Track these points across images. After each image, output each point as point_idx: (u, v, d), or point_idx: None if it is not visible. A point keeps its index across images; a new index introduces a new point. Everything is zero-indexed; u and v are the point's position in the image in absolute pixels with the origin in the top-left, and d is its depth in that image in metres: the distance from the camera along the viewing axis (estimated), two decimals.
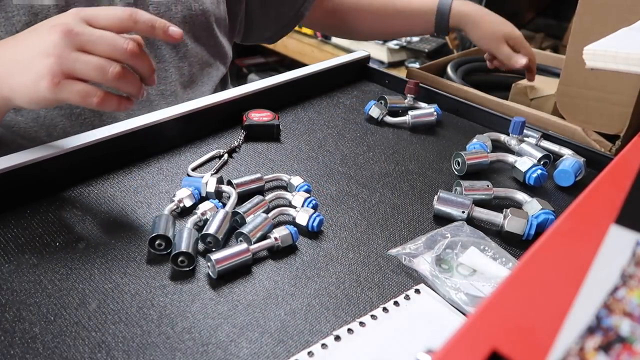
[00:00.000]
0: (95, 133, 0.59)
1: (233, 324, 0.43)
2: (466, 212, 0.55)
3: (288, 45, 2.08)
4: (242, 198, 0.55)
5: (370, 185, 0.63)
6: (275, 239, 0.50)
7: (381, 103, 0.79)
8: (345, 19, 0.97)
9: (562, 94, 0.78)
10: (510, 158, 0.66)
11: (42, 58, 0.46)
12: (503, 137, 0.72)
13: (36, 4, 0.59)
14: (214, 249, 0.49)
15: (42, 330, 0.41)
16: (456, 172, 0.66)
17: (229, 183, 0.58)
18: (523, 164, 0.63)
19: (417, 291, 0.47)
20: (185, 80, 0.77)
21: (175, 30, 0.49)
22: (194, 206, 0.54)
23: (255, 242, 0.49)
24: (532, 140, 0.71)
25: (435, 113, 0.76)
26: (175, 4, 0.72)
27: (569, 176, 0.63)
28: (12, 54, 0.49)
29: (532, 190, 0.63)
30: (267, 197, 0.56)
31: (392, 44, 1.65)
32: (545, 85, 0.92)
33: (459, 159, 0.65)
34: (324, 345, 0.41)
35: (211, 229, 0.49)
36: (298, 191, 0.57)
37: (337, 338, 0.42)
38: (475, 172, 0.65)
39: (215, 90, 0.83)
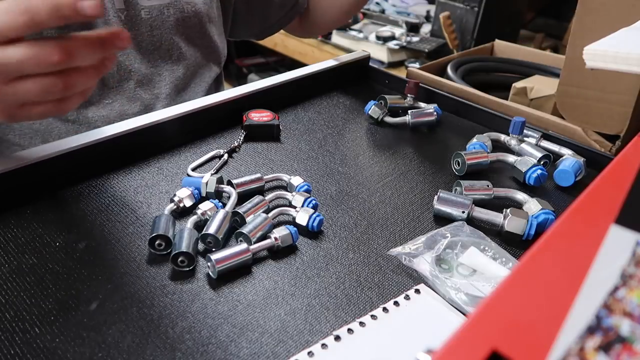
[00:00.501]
0: (95, 133, 0.59)
1: (233, 324, 0.43)
2: (466, 212, 0.55)
3: (288, 45, 2.08)
4: (242, 198, 0.55)
5: (370, 185, 0.63)
6: (275, 239, 0.50)
7: (381, 103, 0.79)
8: (314, 16, 0.93)
9: (562, 94, 0.78)
10: (510, 158, 0.66)
11: None
12: (503, 137, 0.72)
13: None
14: (214, 249, 0.49)
15: (42, 330, 0.41)
16: (456, 172, 0.66)
17: (229, 183, 0.58)
18: (523, 164, 0.63)
19: (417, 291, 0.47)
20: (180, 83, 0.77)
21: (122, 33, 0.43)
22: (194, 206, 0.54)
23: (255, 242, 0.50)
24: (532, 140, 0.71)
25: (435, 113, 0.76)
26: (168, 7, 0.72)
27: (569, 176, 0.63)
28: None
29: (532, 190, 0.63)
30: (267, 197, 0.56)
31: (392, 44, 1.65)
32: (545, 85, 0.92)
33: (459, 159, 0.65)
34: (324, 345, 0.41)
35: (211, 229, 0.49)
36: (298, 191, 0.57)
37: (337, 338, 0.42)
38: (475, 172, 0.65)
39: (209, 91, 0.83)
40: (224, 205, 0.54)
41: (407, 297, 0.46)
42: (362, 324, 0.43)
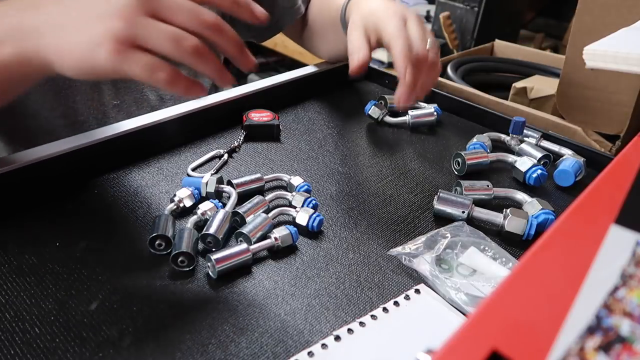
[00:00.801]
0: (95, 133, 0.59)
1: (233, 324, 0.43)
2: (466, 212, 0.55)
3: (288, 45, 2.08)
4: (242, 198, 0.55)
5: (370, 185, 0.63)
6: (275, 239, 0.50)
7: (381, 103, 0.79)
8: (309, 40, 0.91)
9: (562, 94, 0.78)
10: (510, 158, 0.66)
11: (105, 19, 0.38)
12: (503, 137, 0.72)
13: None
14: (214, 249, 0.49)
15: (42, 331, 0.41)
16: (456, 172, 0.66)
17: (229, 183, 0.58)
18: (523, 164, 0.63)
19: (417, 291, 0.47)
20: None
21: (261, 10, 0.43)
22: (194, 206, 0.54)
23: (255, 242, 0.49)
24: (532, 140, 0.71)
25: (435, 113, 0.76)
26: None
27: (569, 176, 0.63)
28: (62, 9, 0.40)
29: (532, 190, 0.63)
30: (267, 197, 0.56)
31: None
32: (545, 85, 0.92)
33: (459, 159, 0.65)
34: (324, 346, 0.41)
35: (211, 229, 0.49)
36: (298, 191, 0.57)
37: (337, 338, 0.42)
38: (475, 172, 0.65)
39: (210, 91, 0.83)
40: (224, 205, 0.54)
41: (407, 297, 0.46)
42: (362, 324, 0.43)
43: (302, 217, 0.53)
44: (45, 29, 0.40)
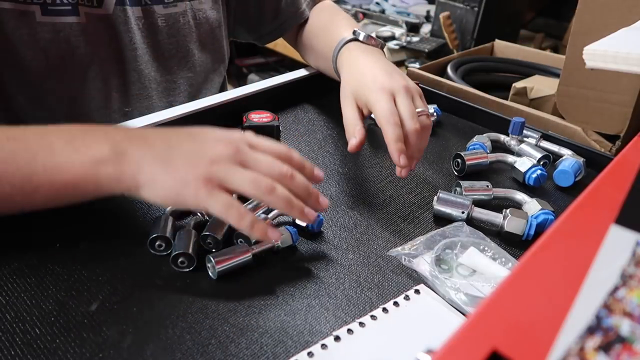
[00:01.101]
0: None
1: (233, 324, 0.43)
2: (466, 212, 0.55)
3: (288, 45, 2.07)
4: (243, 199, 0.55)
5: (370, 186, 0.63)
6: (275, 239, 0.50)
7: None
8: (303, 51, 0.89)
9: (562, 94, 0.78)
10: (510, 158, 0.66)
11: (201, 163, 0.44)
12: (503, 138, 0.72)
13: (58, 22, 0.60)
14: (214, 250, 0.49)
15: (43, 331, 0.41)
16: (456, 173, 0.66)
17: None
18: (523, 164, 0.63)
19: (417, 291, 0.47)
20: (193, 90, 0.77)
21: (319, 173, 0.50)
22: None
23: (255, 243, 0.49)
24: (532, 141, 0.71)
25: (435, 113, 0.76)
26: (183, 15, 0.72)
27: (568, 176, 0.63)
28: (167, 147, 0.46)
29: (531, 190, 0.63)
30: None
31: (392, 44, 1.65)
32: (545, 85, 0.92)
33: (459, 159, 0.65)
34: (323, 346, 0.41)
35: (211, 229, 0.49)
36: None
37: (337, 338, 0.42)
38: (475, 173, 0.65)
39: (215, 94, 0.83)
40: None
41: (406, 298, 0.46)
42: (361, 324, 0.43)
43: None
44: (147, 161, 0.45)
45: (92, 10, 0.63)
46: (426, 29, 1.72)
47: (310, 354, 0.40)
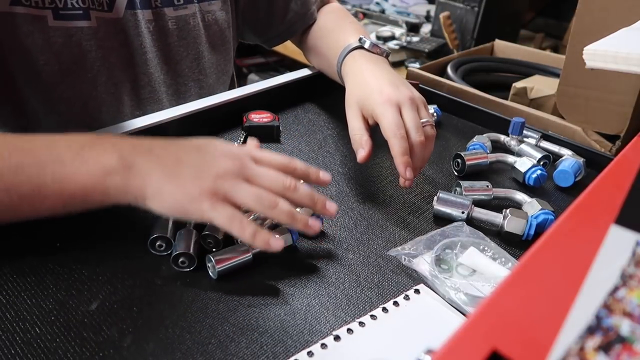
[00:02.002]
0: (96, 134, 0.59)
1: (233, 324, 0.43)
2: (466, 212, 0.55)
3: (288, 45, 2.07)
4: None
5: (370, 186, 0.63)
6: None
7: None
8: (308, 53, 0.89)
9: (562, 94, 0.78)
10: (510, 158, 0.66)
11: (207, 177, 0.45)
12: (503, 138, 0.72)
13: (70, 26, 0.61)
14: (214, 250, 0.49)
15: (43, 330, 0.41)
16: (456, 173, 0.66)
17: None
18: (523, 164, 0.63)
19: (417, 291, 0.47)
20: (204, 92, 0.77)
21: (325, 175, 0.51)
22: None
23: None
24: (532, 141, 0.71)
25: (435, 113, 0.76)
26: (193, 17, 0.72)
27: (568, 176, 0.63)
28: (174, 160, 0.47)
29: (531, 190, 0.63)
30: None
31: (392, 44, 1.65)
32: (545, 85, 0.92)
33: (459, 160, 0.65)
34: (323, 345, 0.41)
35: (211, 229, 0.49)
36: None
37: (337, 338, 0.42)
38: (475, 173, 0.65)
39: (212, 92, 0.83)
40: None
41: (406, 297, 0.46)
42: (361, 324, 0.43)
43: None
44: (154, 173, 0.46)
45: (102, 15, 0.63)
46: (426, 29, 1.72)
47: (310, 354, 0.40)
